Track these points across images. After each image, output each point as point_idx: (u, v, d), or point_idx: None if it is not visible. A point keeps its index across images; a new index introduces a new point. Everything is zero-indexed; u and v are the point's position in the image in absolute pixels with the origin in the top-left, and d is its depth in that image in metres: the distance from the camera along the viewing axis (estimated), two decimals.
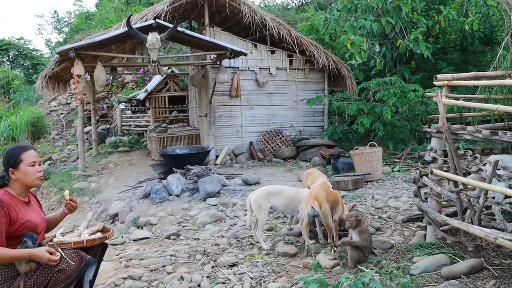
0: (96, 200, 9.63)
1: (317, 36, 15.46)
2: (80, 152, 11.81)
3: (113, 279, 4.83)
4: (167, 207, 8.17)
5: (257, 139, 13.05)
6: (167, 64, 14.33)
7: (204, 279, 4.64)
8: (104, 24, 23.03)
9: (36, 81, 22.81)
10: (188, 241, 6.13)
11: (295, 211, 5.61)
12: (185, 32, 10.62)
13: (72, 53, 9.95)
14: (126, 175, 11.22)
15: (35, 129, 16.67)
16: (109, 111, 18.65)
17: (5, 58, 29.45)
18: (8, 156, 3.55)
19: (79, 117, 11.89)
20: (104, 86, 12.33)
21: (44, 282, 3.38)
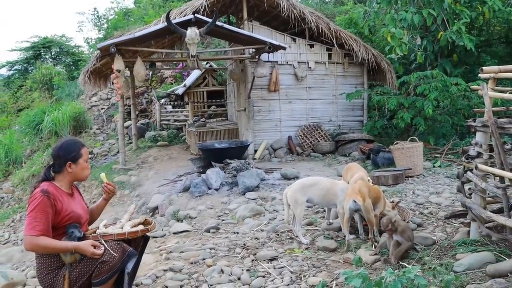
0: (136, 193, 9.76)
1: (356, 29, 15.31)
2: (121, 146, 12.00)
3: (154, 271, 4.89)
4: (206, 201, 8.22)
5: (296, 134, 13.00)
6: (206, 59, 14.39)
7: (244, 272, 4.65)
8: (143, 20, 23.27)
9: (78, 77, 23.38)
10: (227, 235, 6.15)
11: (331, 203, 5.56)
12: (224, 26, 10.64)
13: (113, 48, 10.09)
14: (166, 169, 11.33)
15: (76, 123, 16.98)
16: (148, 106, 18.86)
17: (47, 55, 30.13)
18: (69, 150, 3.62)
19: (120, 111, 12.07)
20: (144, 81, 12.47)
21: (88, 273, 3.45)
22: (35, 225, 3.29)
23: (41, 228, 3.30)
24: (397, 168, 9.07)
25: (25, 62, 29.45)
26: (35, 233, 3.28)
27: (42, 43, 29.15)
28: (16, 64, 29.55)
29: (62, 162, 3.58)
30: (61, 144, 3.70)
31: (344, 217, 5.12)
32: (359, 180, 5.56)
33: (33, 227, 3.29)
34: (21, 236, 9.92)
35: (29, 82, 25.75)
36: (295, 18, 12.50)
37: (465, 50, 11.78)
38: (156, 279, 4.71)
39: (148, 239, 4.06)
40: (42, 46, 29.15)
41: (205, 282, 4.53)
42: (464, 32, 10.80)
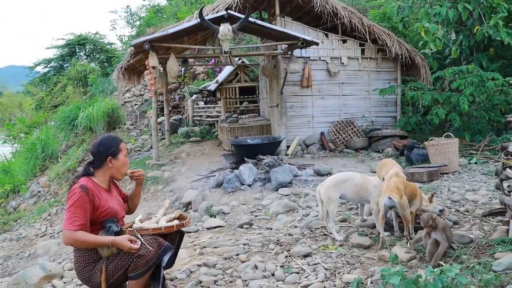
0: (169, 188, 9.85)
1: (389, 24, 15.12)
2: (154, 142, 12.12)
3: (188, 265, 4.91)
4: (239, 197, 8.24)
5: (329, 130, 12.94)
6: (238, 55, 14.41)
7: (278, 268, 4.64)
8: (175, 16, 23.42)
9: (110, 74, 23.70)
10: (261, 231, 6.15)
11: (364, 199, 5.51)
12: (256, 22, 10.64)
13: (147, 45, 10.20)
14: (198, 164, 11.40)
15: (110, 119, 17.20)
16: (180, 102, 18.99)
17: (82, 52, 30.70)
18: (109, 146, 3.72)
19: (153, 107, 12.18)
20: (177, 77, 12.55)
21: (124, 267, 3.51)
22: (73, 220, 3.37)
23: (79, 223, 3.38)
24: (432, 165, 8.95)
25: (60, 60, 30.05)
26: (73, 227, 3.36)
27: (77, 40, 29.70)
28: (52, 62, 30.19)
29: (103, 157, 3.67)
30: (100, 140, 3.78)
31: (379, 214, 5.07)
32: (394, 176, 5.49)
33: (71, 222, 3.37)
34: (57, 229, 10.13)
35: (64, 78, 26.19)
36: (328, 13, 12.43)
37: (502, 44, 11.51)
38: (190, 274, 4.74)
39: (183, 234, 4.10)
40: (77, 43, 29.71)
41: (239, 277, 4.54)
42: (502, 26, 10.56)
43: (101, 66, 28.89)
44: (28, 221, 11.95)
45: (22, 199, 14.32)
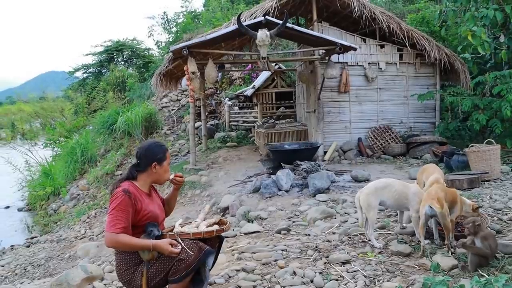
0: (207, 193, 9.90)
1: (428, 28, 14.91)
2: (192, 146, 12.21)
3: (226, 270, 4.94)
4: (276, 202, 8.23)
5: (366, 135, 12.84)
6: (276, 60, 14.43)
7: (316, 275, 4.61)
8: (211, 23, 23.60)
9: (148, 79, 24.00)
10: (299, 237, 6.13)
11: (404, 206, 5.43)
12: (294, 27, 10.65)
13: (185, 51, 10.32)
14: (235, 169, 11.44)
15: (148, 124, 17.42)
16: (217, 107, 19.10)
17: (120, 58, 31.23)
18: (155, 152, 3.79)
19: (191, 112, 12.27)
20: (214, 82, 12.64)
21: (165, 270, 3.55)
22: (116, 222, 3.44)
23: (121, 226, 3.44)
24: (473, 172, 8.78)
25: (99, 65, 30.66)
26: (116, 230, 3.42)
27: (115, 46, 30.27)
28: (90, 67, 30.81)
29: (149, 163, 3.73)
30: (148, 145, 3.85)
31: (419, 222, 5.00)
32: (435, 182, 5.41)
33: (114, 224, 3.44)
34: (96, 232, 10.29)
35: (103, 84, 26.65)
36: (366, 18, 12.34)
37: None
38: (229, 278, 4.76)
39: (223, 239, 4.13)
40: (115, 49, 30.27)
41: (278, 283, 4.53)
42: None
43: (138, 72, 29.34)
44: (67, 223, 12.19)
45: (62, 202, 14.62)
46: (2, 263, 9.39)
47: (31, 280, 7.63)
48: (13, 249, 10.75)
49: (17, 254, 9.98)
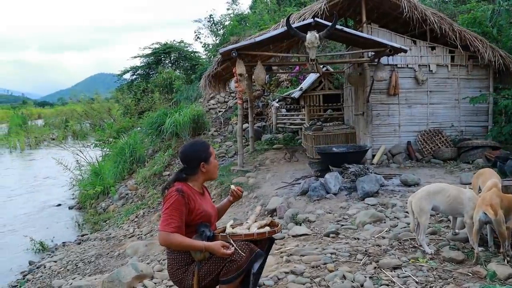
0: (254, 195, 9.92)
1: (480, 29, 14.52)
2: (239, 148, 12.27)
3: (275, 272, 4.94)
4: (324, 205, 8.18)
5: (415, 139, 12.59)
6: (324, 63, 14.33)
7: (367, 279, 4.57)
8: (258, 25, 23.65)
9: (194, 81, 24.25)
10: (347, 240, 6.08)
11: (457, 212, 5.30)
12: (343, 29, 10.57)
13: (234, 53, 10.38)
14: (283, 171, 11.43)
15: (196, 125, 17.58)
16: (264, 109, 19.13)
17: (167, 60, 31.67)
18: (199, 151, 3.81)
19: (239, 114, 12.33)
20: (263, 84, 12.66)
21: (216, 271, 3.56)
22: (170, 222, 3.47)
23: (175, 225, 3.47)
24: None
25: (146, 67, 31.15)
26: (169, 229, 3.46)
27: (163, 49, 30.74)
28: (139, 69, 31.32)
29: (196, 164, 3.74)
30: (190, 147, 3.86)
31: (473, 228, 4.87)
32: (493, 187, 5.26)
33: (168, 223, 3.47)
34: (145, 231, 10.45)
35: (151, 85, 27.08)
36: (416, 19, 12.11)
37: None
38: (278, 281, 4.77)
39: (273, 241, 4.12)
40: (163, 52, 30.75)
41: (328, 287, 4.52)
42: None
43: (185, 74, 29.68)
44: (116, 222, 12.41)
45: (111, 201, 14.90)
46: (55, 259, 9.67)
47: (82, 276, 7.82)
48: (65, 246, 11.05)
49: (69, 251, 10.24)
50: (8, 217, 14.86)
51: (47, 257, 10.25)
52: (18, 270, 9.93)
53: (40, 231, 12.70)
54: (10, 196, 18.26)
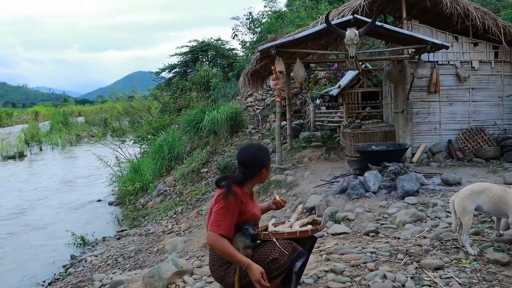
0: (292, 193, 9.91)
1: None
2: (277, 146, 12.26)
3: (315, 271, 4.92)
4: (363, 203, 8.10)
5: (457, 137, 12.33)
6: (364, 60, 14.21)
7: (408, 279, 4.50)
8: (295, 23, 23.53)
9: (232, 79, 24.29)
10: (388, 239, 6.00)
11: (502, 212, 5.15)
12: (383, 26, 10.45)
13: (273, 50, 10.39)
14: (321, 169, 11.37)
15: (233, 123, 17.59)
16: (302, 107, 19.04)
17: (204, 58, 31.82)
18: (264, 158, 3.90)
19: (277, 112, 12.32)
20: (302, 82, 12.61)
21: None
22: (221, 223, 3.49)
23: (225, 228, 3.49)
24: None
25: (184, 65, 31.35)
26: (219, 231, 3.49)
27: (200, 47, 30.91)
28: (176, 67, 31.58)
29: (259, 169, 3.78)
30: (255, 152, 3.88)
31: None
32: None
33: (218, 224, 3.50)
34: (183, 228, 10.54)
35: (188, 83, 27.27)
36: (458, 15, 11.86)
37: None
38: (318, 279, 4.74)
39: (315, 239, 4.10)
40: (200, 49, 30.92)
41: (368, 286, 4.47)
42: None
43: (222, 71, 29.76)
44: (155, 218, 12.55)
45: (150, 197, 15.06)
46: (95, 253, 9.86)
47: (122, 271, 7.94)
48: (105, 241, 11.25)
49: (109, 246, 10.43)
50: (51, 212, 15.28)
51: (88, 252, 10.48)
52: (61, 263, 10.23)
53: (81, 226, 13.00)
54: (52, 192, 18.73)
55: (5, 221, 14.57)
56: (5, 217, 14.99)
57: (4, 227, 13.73)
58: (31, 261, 10.73)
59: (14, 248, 11.84)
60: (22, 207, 16.29)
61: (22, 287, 9.32)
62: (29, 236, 12.72)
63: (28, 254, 11.22)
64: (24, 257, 11.05)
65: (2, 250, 11.66)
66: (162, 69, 32.22)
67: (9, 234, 12.93)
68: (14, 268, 10.37)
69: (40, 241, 12.23)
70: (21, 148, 32.48)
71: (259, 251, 3.59)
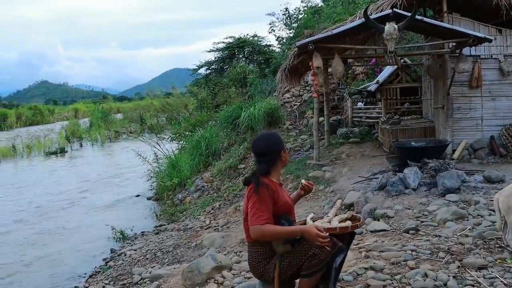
0: (330, 189, 9.84)
1: None
2: (315, 142, 12.19)
3: (354, 268, 4.88)
4: (403, 201, 7.99)
5: (499, 134, 11.98)
6: (402, 55, 13.96)
7: (450, 279, 4.40)
8: (332, 18, 23.33)
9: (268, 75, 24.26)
10: (428, 237, 5.90)
11: None
12: (423, 20, 10.27)
13: (311, 46, 10.31)
14: (359, 166, 11.26)
15: (271, 119, 17.56)
16: (339, 103, 18.89)
17: (241, 55, 31.86)
18: (278, 141, 3.91)
19: (315, 108, 12.25)
20: (340, 77, 12.50)
21: (297, 265, 3.56)
22: (260, 215, 3.48)
23: (265, 217, 3.49)
24: None
25: (221, 62, 31.46)
26: (261, 222, 3.48)
27: (236, 43, 30.96)
28: (213, 64, 31.71)
29: (277, 154, 3.77)
30: (267, 139, 3.93)
31: None
32: None
33: (258, 217, 3.49)
34: (221, 223, 10.58)
35: (225, 80, 27.36)
36: (504, 7, 11.54)
37: None
38: (357, 276, 4.71)
39: (354, 235, 4.07)
40: (237, 46, 30.94)
41: (408, 284, 4.41)
42: None
43: (259, 68, 29.72)
44: (193, 213, 12.64)
45: (187, 193, 15.18)
46: (135, 248, 10.01)
47: (161, 265, 8.03)
48: (144, 235, 11.39)
49: (148, 240, 10.56)
50: (91, 207, 15.58)
51: (127, 246, 10.64)
52: (101, 256, 10.44)
53: (120, 220, 13.20)
54: (92, 187, 19.11)
55: (47, 214, 15.00)
56: (49, 211, 15.40)
57: (48, 220, 14.12)
58: (73, 254, 11.01)
59: (57, 241, 12.20)
60: (64, 201, 16.72)
61: (64, 279, 9.56)
62: (71, 230, 13.05)
63: (69, 247, 11.51)
64: (66, 250, 11.34)
65: (45, 243, 12.02)
66: (199, 65, 32.44)
67: (52, 228, 13.29)
68: (56, 260, 10.68)
69: (81, 234, 12.55)
70: (62, 144, 33.37)
71: (298, 246, 3.57)
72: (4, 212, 15.52)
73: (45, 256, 11.04)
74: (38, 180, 21.69)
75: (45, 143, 33.36)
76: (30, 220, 14.39)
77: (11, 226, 13.72)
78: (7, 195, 18.51)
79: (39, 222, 14.10)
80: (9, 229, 13.39)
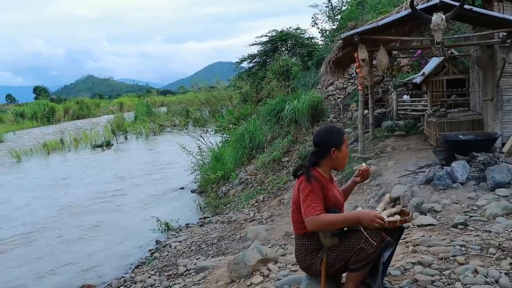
0: (376, 182, 9.74)
1: None
2: (360, 135, 12.08)
3: (401, 262, 4.83)
4: (450, 195, 7.83)
5: None
6: (448, 46, 13.65)
7: (502, 275, 4.29)
8: (376, 9, 23.00)
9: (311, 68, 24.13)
10: (478, 233, 5.77)
11: None
12: (472, 9, 9.99)
13: (357, 38, 10.21)
14: (405, 159, 11.08)
15: (314, 112, 17.44)
16: (384, 95, 18.62)
17: (283, 48, 31.81)
18: (333, 137, 3.81)
19: (360, 100, 12.13)
20: (386, 70, 12.34)
21: (345, 259, 3.54)
22: (314, 206, 3.49)
23: (319, 208, 3.51)
24: None
25: (263, 55, 31.54)
26: (316, 212, 3.49)
27: (279, 36, 31.01)
28: (256, 57, 31.80)
29: (327, 149, 3.73)
30: (325, 131, 3.86)
31: None
32: None
33: (312, 208, 3.49)
34: (265, 216, 10.58)
35: (269, 73, 27.38)
36: None
37: None
38: (405, 271, 4.65)
39: (403, 230, 4.03)
40: (279, 39, 30.98)
41: (458, 280, 4.31)
42: None
43: (302, 60, 29.58)
44: (237, 206, 12.70)
45: (231, 185, 15.27)
46: (179, 239, 10.16)
47: (206, 257, 8.11)
48: (188, 227, 11.54)
49: (192, 232, 10.69)
50: (137, 199, 15.88)
51: (172, 237, 10.80)
52: (147, 248, 10.65)
53: (165, 212, 13.42)
54: (138, 179, 19.47)
55: (95, 205, 15.41)
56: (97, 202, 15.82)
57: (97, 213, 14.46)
58: (119, 244, 11.26)
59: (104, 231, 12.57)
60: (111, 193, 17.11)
61: (111, 269, 9.78)
62: (117, 221, 13.35)
63: (115, 238, 11.77)
64: (112, 241, 11.60)
65: (94, 233, 12.40)
66: (242, 59, 32.61)
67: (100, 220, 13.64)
68: (103, 251, 10.91)
69: (127, 225, 12.85)
70: (108, 137, 34.12)
71: (346, 240, 3.56)
72: (54, 205, 15.94)
73: (93, 245, 11.35)
74: (85, 173, 22.26)
75: (92, 136, 34.21)
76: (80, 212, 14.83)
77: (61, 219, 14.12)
78: (56, 188, 19.05)
79: (90, 214, 14.49)
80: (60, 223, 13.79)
